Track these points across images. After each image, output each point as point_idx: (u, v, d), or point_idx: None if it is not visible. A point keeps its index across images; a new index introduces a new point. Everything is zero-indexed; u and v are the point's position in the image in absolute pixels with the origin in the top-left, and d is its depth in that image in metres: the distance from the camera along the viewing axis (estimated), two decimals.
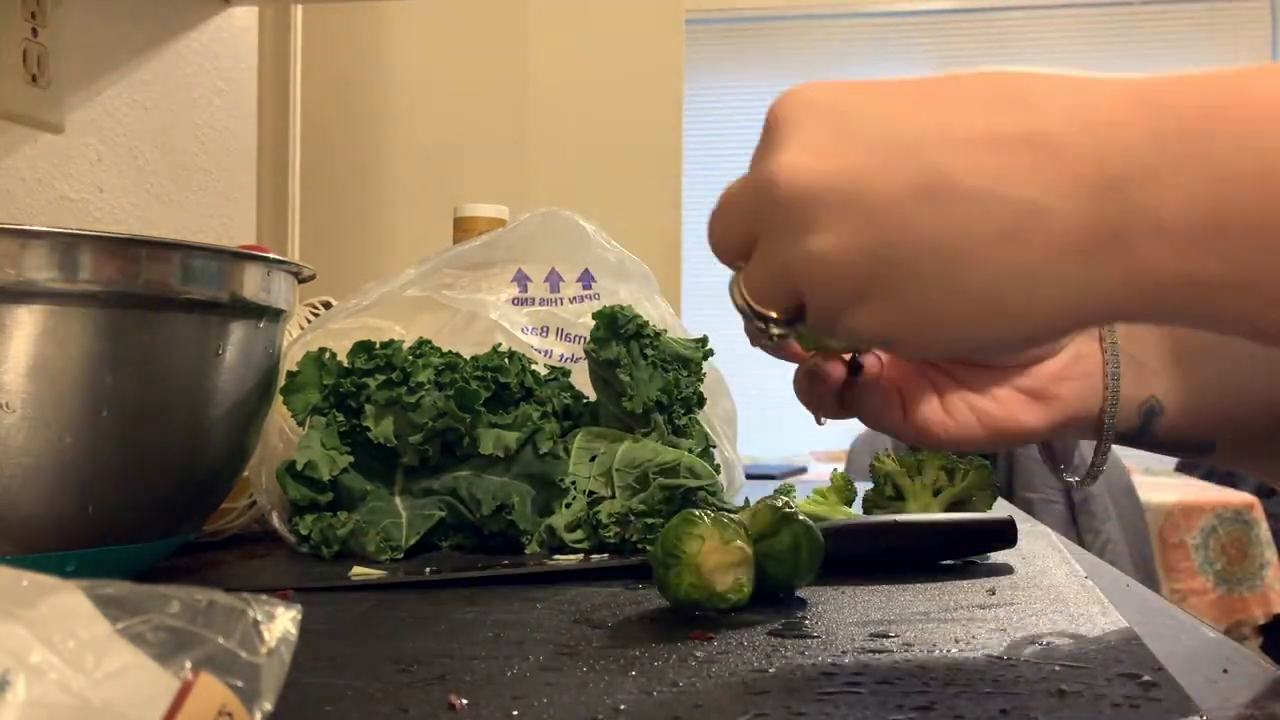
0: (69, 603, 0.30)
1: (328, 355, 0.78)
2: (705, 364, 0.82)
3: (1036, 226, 0.34)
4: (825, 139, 0.36)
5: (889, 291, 0.36)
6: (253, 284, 0.64)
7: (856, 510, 0.85)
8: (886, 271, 0.36)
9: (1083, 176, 0.34)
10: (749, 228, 0.39)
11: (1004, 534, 0.71)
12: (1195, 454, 0.56)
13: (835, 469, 0.95)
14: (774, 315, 0.40)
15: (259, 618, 0.32)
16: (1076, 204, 0.34)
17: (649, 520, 0.73)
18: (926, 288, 0.35)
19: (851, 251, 0.36)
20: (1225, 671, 0.46)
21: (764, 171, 0.37)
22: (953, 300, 0.35)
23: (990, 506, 0.83)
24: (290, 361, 0.78)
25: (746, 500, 0.91)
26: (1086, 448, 0.56)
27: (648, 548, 0.69)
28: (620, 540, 0.73)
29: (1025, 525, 0.88)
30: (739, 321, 0.42)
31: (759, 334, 0.41)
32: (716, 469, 0.83)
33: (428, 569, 0.69)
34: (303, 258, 1.10)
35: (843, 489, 0.89)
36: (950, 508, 0.81)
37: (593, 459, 0.77)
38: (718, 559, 0.54)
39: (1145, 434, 0.54)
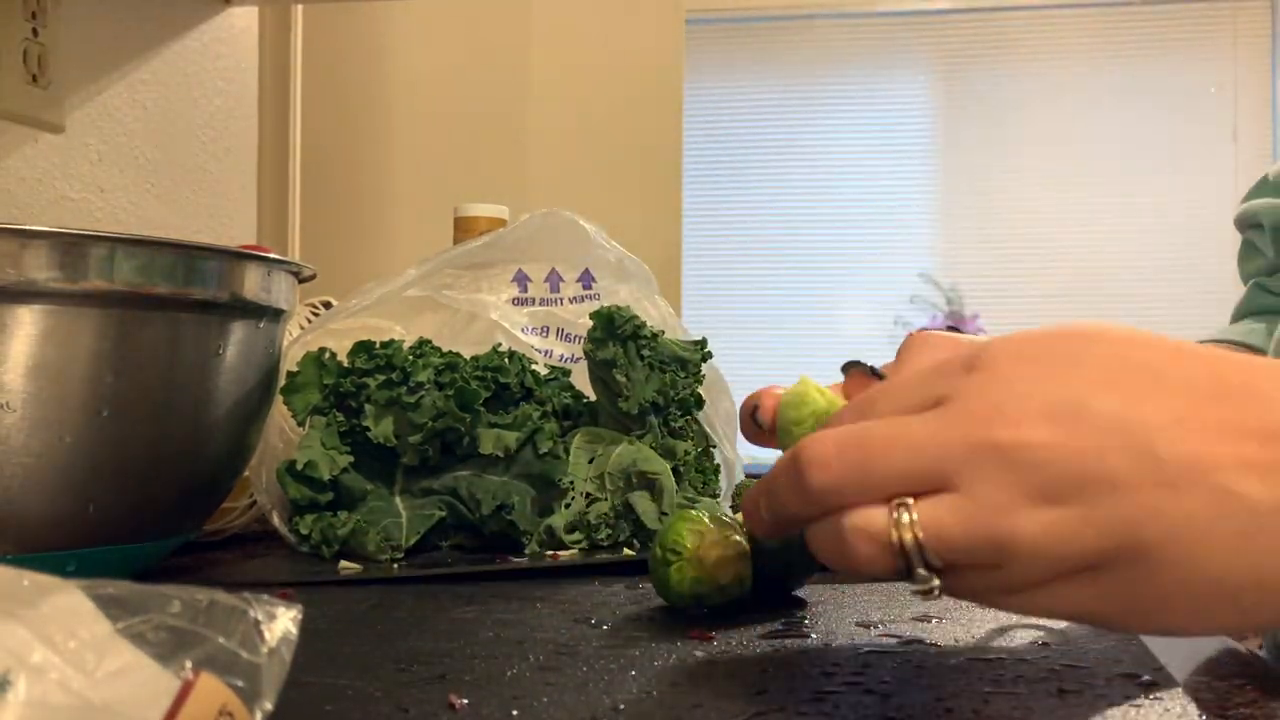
0: (69, 603, 0.30)
1: (328, 355, 0.78)
2: (705, 364, 0.82)
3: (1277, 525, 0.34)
4: (1066, 411, 0.35)
5: (1115, 574, 0.35)
6: (253, 284, 0.64)
7: None
8: (1121, 553, 0.34)
9: None
10: (946, 470, 0.36)
11: None
12: None
13: None
14: (938, 563, 0.36)
15: (259, 617, 0.32)
16: None
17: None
18: (1159, 575, 0.34)
19: (1088, 528, 0.34)
20: (1225, 671, 0.46)
21: (992, 425, 0.35)
22: (1183, 590, 0.34)
23: None
24: (290, 361, 0.78)
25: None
26: None
27: (641, 545, 0.69)
28: (613, 542, 0.74)
29: None
30: (739, 322, 0.41)
31: (897, 571, 0.37)
32: (716, 469, 0.83)
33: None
34: (303, 258, 1.10)
35: None
36: None
37: (591, 460, 0.77)
38: (719, 552, 0.54)
39: None
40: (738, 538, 0.55)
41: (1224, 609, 0.35)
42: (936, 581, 0.37)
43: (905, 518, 0.36)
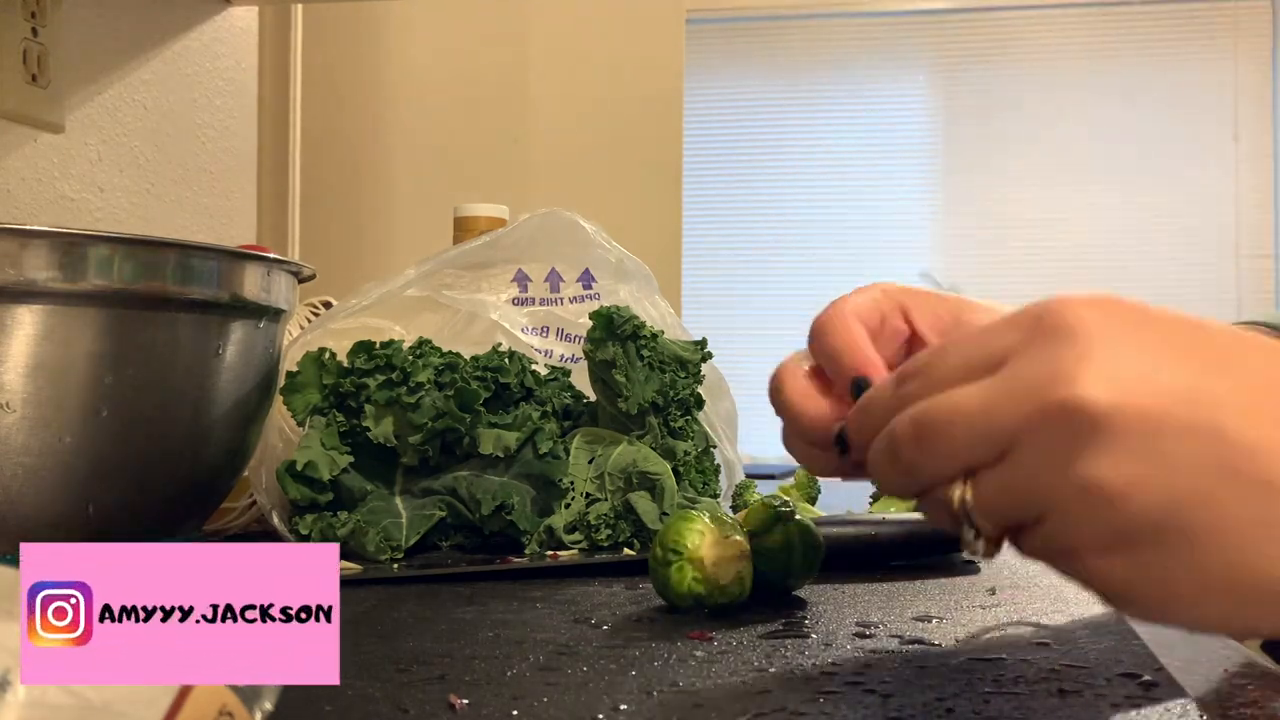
0: None
1: (328, 355, 0.77)
2: (705, 364, 0.82)
3: None
4: (1130, 373, 0.33)
5: (1159, 552, 0.33)
6: (253, 284, 0.64)
7: (821, 509, 0.85)
8: (1167, 531, 0.32)
9: None
10: (1004, 437, 0.35)
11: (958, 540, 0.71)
12: None
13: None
14: (991, 530, 0.36)
15: None
16: None
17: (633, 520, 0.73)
18: (1202, 563, 0.33)
19: (1140, 494, 0.32)
20: (1225, 671, 0.46)
21: (1048, 387, 0.33)
22: (1226, 585, 0.33)
23: None
24: (290, 361, 0.78)
25: (746, 500, 0.91)
26: None
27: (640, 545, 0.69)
28: (613, 543, 0.74)
29: None
30: (739, 322, 0.40)
31: (967, 541, 0.38)
32: (716, 469, 0.83)
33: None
34: (303, 258, 1.10)
35: (805, 486, 0.90)
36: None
37: (591, 460, 0.77)
38: (719, 552, 0.54)
39: None
40: (738, 538, 0.55)
41: (1267, 610, 0.33)
42: (980, 544, 0.37)
43: (958, 493, 0.36)
